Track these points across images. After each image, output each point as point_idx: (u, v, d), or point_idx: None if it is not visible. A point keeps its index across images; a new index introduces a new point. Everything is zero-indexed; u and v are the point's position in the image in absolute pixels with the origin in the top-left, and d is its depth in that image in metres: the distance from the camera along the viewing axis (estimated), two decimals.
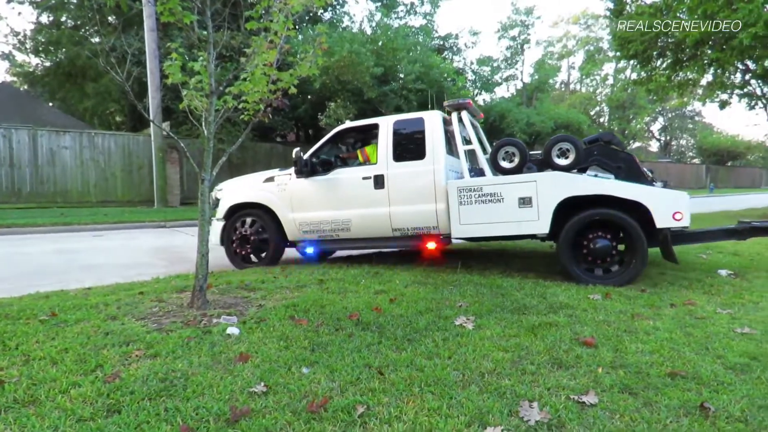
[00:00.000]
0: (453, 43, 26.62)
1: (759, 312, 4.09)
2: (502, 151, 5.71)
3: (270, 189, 6.25)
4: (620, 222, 4.97)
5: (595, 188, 5.01)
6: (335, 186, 5.96)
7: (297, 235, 6.17)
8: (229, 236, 6.38)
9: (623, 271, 5.03)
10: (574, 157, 5.53)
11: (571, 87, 47.19)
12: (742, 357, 3.06)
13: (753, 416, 2.35)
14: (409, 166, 5.69)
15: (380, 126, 5.96)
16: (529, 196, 5.15)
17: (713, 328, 3.62)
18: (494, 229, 5.33)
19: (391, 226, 5.77)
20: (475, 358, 2.99)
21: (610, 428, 2.22)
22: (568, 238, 5.10)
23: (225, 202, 6.45)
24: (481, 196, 5.30)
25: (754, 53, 10.62)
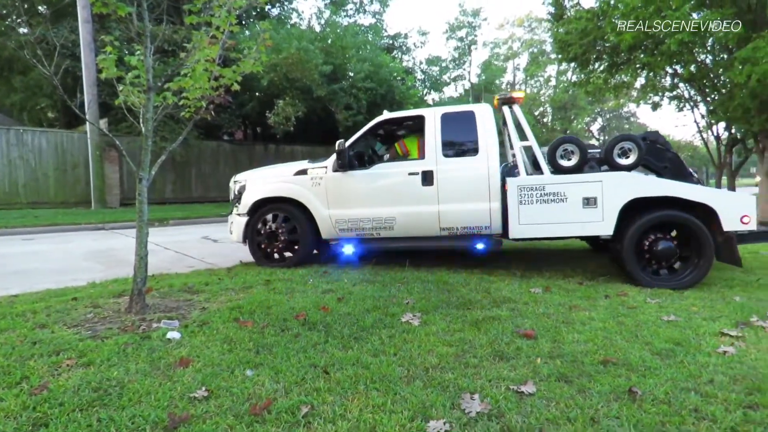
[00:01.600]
0: (402, 43, 26.83)
1: (683, 301, 4.38)
2: (560, 149, 5.46)
3: (302, 183, 5.82)
4: (688, 224, 4.88)
5: (663, 190, 4.95)
6: (378, 181, 5.64)
7: (333, 233, 5.81)
8: (254, 232, 5.97)
9: (691, 272, 4.92)
10: (636, 156, 5.33)
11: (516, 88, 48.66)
12: (667, 343, 3.26)
13: (675, 398, 2.51)
14: (461, 162, 5.47)
15: (426, 118, 5.68)
16: (594, 196, 5.03)
17: (643, 317, 3.85)
18: (556, 230, 5.20)
19: (440, 225, 5.51)
20: (421, 353, 3.04)
21: (547, 415, 2.32)
22: (634, 240, 4.97)
23: (250, 195, 5.98)
24: (543, 196, 5.14)
25: (681, 58, 11.34)
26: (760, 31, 9.33)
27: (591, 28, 11.54)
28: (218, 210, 14.10)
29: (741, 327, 3.65)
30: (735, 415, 2.35)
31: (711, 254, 4.89)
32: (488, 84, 33.25)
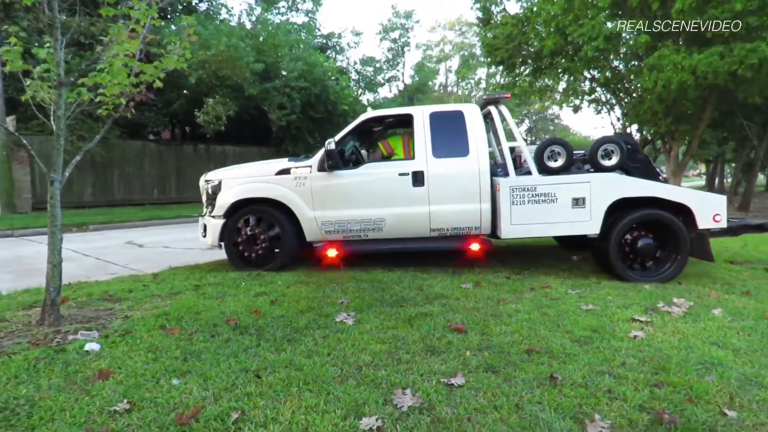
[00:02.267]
0: (336, 43, 26.76)
1: (600, 291, 4.69)
2: (547, 150, 5.55)
3: (285, 183, 5.54)
4: (667, 222, 5.15)
5: (647, 190, 5.19)
6: (367, 182, 5.50)
7: (318, 235, 5.61)
8: (232, 236, 5.64)
9: (671, 266, 5.21)
10: (619, 158, 5.51)
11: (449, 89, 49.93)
12: (585, 330, 3.49)
13: (592, 381, 2.69)
14: (452, 163, 5.42)
15: (415, 117, 5.59)
16: (583, 196, 5.18)
17: (564, 307, 4.08)
18: (546, 230, 5.35)
19: (430, 226, 5.49)
20: (354, 352, 3.05)
21: (475, 405, 2.41)
22: (618, 238, 5.19)
23: (227, 196, 5.60)
24: (535, 196, 5.22)
25: (598, 64, 12.14)
26: (665, 40, 10.18)
27: (516, 34, 12.09)
28: (144, 213, 13.41)
29: (650, 313, 3.97)
30: (643, 393, 2.55)
31: (688, 249, 5.20)
32: (422, 85, 33.89)
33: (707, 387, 2.62)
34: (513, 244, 7.69)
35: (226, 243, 5.69)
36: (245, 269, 5.55)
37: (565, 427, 2.22)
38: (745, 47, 8.38)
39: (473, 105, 5.74)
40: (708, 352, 3.13)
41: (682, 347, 3.21)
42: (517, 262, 6.06)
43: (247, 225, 5.62)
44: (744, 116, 14.85)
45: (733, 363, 2.97)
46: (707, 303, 4.31)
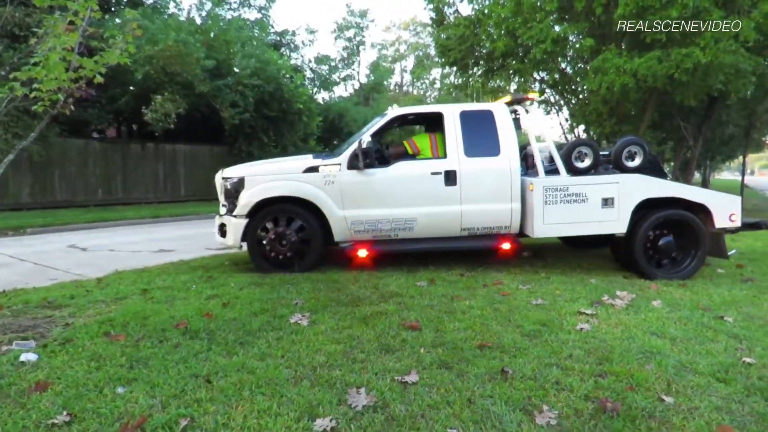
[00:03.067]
0: (290, 40, 26.38)
1: (550, 285, 4.85)
2: (575, 151, 5.63)
3: (313, 181, 5.34)
4: (688, 221, 5.34)
5: (671, 191, 5.38)
6: (398, 181, 5.39)
7: (347, 235, 5.45)
8: (255, 236, 5.40)
9: (690, 262, 5.40)
10: (642, 159, 5.66)
11: (404, 89, 50.27)
12: (535, 325, 3.59)
13: (541, 373, 2.78)
14: (483, 162, 5.40)
15: (445, 116, 5.52)
16: (612, 196, 5.28)
17: (515, 302, 4.20)
18: (576, 229, 5.40)
19: (461, 225, 5.45)
20: (309, 353, 3.03)
21: (428, 402, 2.44)
22: (644, 237, 5.34)
23: (252, 195, 5.35)
24: (567, 196, 5.28)
25: (546, 66, 12.54)
26: (608, 44, 10.63)
27: (468, 35, 12.30)
28: (88, 215, 12.79)
29: (595, 306, 4.14)
30: (588, 383, 2.66)
31: (707, 247, 5.40)
32: (377, 84, 33.94)
33: (647, 375, 2.76)
34: None
35: (249, 243, 5.45)
36: (271, 271, 5.35)
37: (515, 420, 2.29)
38: (680, 52, 8.88)
39: (501, 104, 5.74)
40: (648, 341, 3.30)
41: (625, 338, 3.37)
42: (472, 259, 6.17)
43: (274, 224, 5.43)
44: (681, 118, 15.72)
45: (671, 351, 3.14)
46: (648, 295, 4.53)
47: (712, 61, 8.88)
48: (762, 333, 3.52)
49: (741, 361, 2.99)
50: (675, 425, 2.26)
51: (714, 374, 2.81)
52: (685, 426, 2.25)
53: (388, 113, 5.70)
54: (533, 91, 6.00)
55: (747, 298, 4.49)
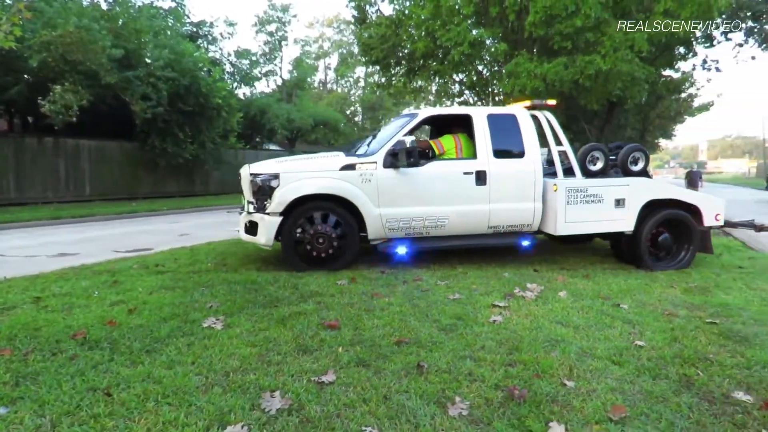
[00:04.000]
0: (208, 32, 25.27)
1: (467, 280, 5.02)
2: (589, 155, 6.03)
3: (351, 179, 5.33)
4: (683, 220, 5.88)
5: (669, 193, 5.93)
6: (432, 180, 5.50)
7: (381, 233, 5.50)
8: (292, 234, 5.30)
9: (685, 255, 5.94)
10: (644, 164, 6.14)
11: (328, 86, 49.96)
12: (451, 319, 3.70)
13: (455, 366, 2.86)
14: (511, 164, 5.66)
15: (474, 118, 5.70)
16: (623, 197, 5.72)
17: (433, 298, 4.30)
18: (593, 227, 5.79)
19: (488, 223, 5.67)
20: (222, 358, 2.91)
21: (345, 401, 2.42)
22: (648, 234, 5.81)
23: (287, 192, 5.23)
24: (586, 197, 5.66)
25: (464, 68, 13.00)
26: (521, 49, 11.21)
27: (390, 35, 12.45)
28: None
29: (508, 298, 4.34)
30: (498, 373, 2.77)
31: (698, 242, 5.95)
32: (300, 81, 33.44)
33: (552, 362, 2.93)
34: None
35: (285, 242, 5.35)
36: (306, 269, 5.29)
37: (429, 413, 2.33)
38: (584, 59, 9.57)
39: (522, 108, 5.98)
40: (554, 330, 3.51)
41: (533, 328, 3.56)
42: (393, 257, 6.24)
43: (310, 223, 5.36)
44: (585, 121, 16.97)
45: (573, 338, 3.36)
46: (555, 287, 4.83)
47: (612, 69, 9.64)
48: (652, 318, 3.86)
49: (633, 345, 3.26)
50: (575, 407, 2.42)
51: (610, 358, 3.04)
52: (584, 408, 2.41)
53: (419, 114, 5.86)
54: (551, 98, 6.34)
55: (640, 287, 4.91)
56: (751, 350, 3.19)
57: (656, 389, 2.62)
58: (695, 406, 2.47)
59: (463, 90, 17.51)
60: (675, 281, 5.18)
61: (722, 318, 3.89)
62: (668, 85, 16.14)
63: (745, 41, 15.52)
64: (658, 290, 4.79)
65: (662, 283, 5.11)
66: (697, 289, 4.86)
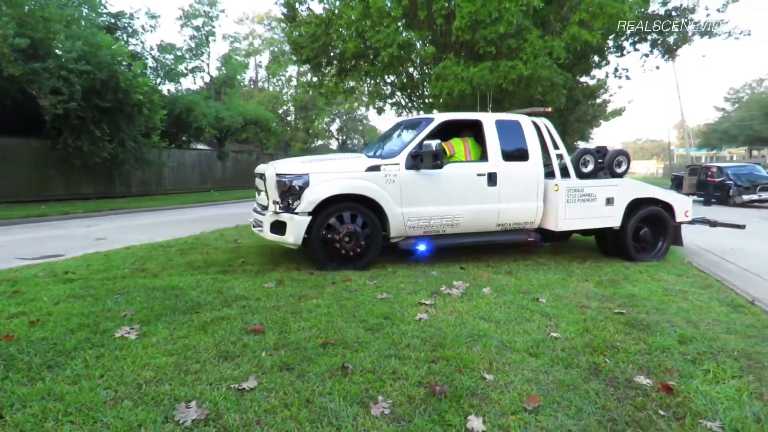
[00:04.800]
0: (128, 24, 23.81)
1: (395, 279, 5.07)
2: (582, 159, 6.61)
3: (376, 180, 5.56)
4: (661, 216, 6.59)
5: (651, 192, 6.61)
6: (450, 180, 5.84)
7: (402, 231, 5.75)
8: (320, 233, 5.42)
9: (661, 247, 6.69)
10: (626, 166, 6.74)
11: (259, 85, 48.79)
12: (378, 318, 3.72)
13: (380, 365, 2.87)
14: (517, 166, 6.11)
15: (484, 123, 6.11)
16: (613, 196, 6.33)
17: (362, 298, 4.30)
18: (587, 223, 6.38)
19: (497, 221, 6.10)
20: (134, 369, 2.74)
21: (265, 407, 2.36)
22: (633, 229, 6.48)
23: (317, 192, 5.36)
24: (583, 196, 6.23)
25: (395, 70, 13.14)
26: (449, 53, 11.50)
27: (320, 34, 12.35)
28: None
29: (434, 296, 4.42)
30: (422, 370, 2.81)
31: (672, 235, 6.69)
32: (230, 79, 32.37)
33: (473, 357, 3.02)
34: None
35: (314, 240, 5.43)
36: (332, 268, 5.43)
37: (351, 414, 2.32)
38: (507, 64, 9.99)
39: (525, 116, 6.47)
40: (477, 325, 3.61)
41: (457, 324, 3.65)
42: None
43: (339, 222, 5.50)
44: None
45: (495, 333, 3.48)
46: (480, 283, 4.99)
47: (533, 74, 10.12)
48: (567, 310, 4.09)
49: (549, 336, 3.43)
50: (493, 399, 2.50)
51: (528, 350, 3.18)
52: (501, 399, 2.50)
53: (437, 118, 6.14)
54: (549, 106, 7.06)
55: (558, 281, 5.19)
56: (653, 337, 3.46)
57: (568, 378, 2.77)
58: (602, 391, 2.63)
59: (395, 91, 17.73)
60: (589, 275, 5.52)
61: (629, 308, 4.18)
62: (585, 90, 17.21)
63: (651, 52, 16.87)
64: (573, 284, 5.08)
65: (578, 277, 5.42)
66: (608, 282, 5.21)
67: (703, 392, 2.64)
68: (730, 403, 2.53)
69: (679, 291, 4.85)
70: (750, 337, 3.53)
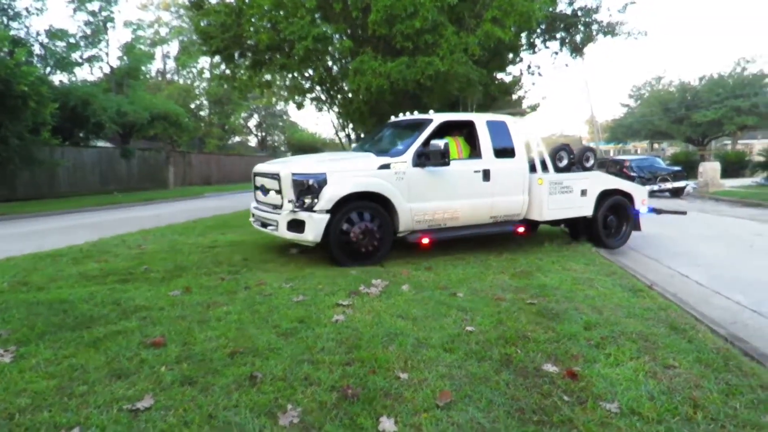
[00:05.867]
0: (7, 6, 21.61)
1: (313, 280, 4.99)
2: (557, 154, 7.41)
3: (387, 177, 5.98)
4: (624, 205, 7.59)
5: (614, 184, 7.57)
6: (452, 177, 6.35)
7: (410, 225, 6.20)
8: (339, 231, 5.74)
9: (625, 233, 7.73)
10: (594, 161, 7.92)
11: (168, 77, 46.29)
12: (293, 322, 3.63)
13: (291, 372, 2.81)
14: (506, 162, 6.75)
15: (476, 123, 6.74)
16: (586, 188, 7.19)
17: (276, 302, 4.18)
18: (565, 213, 7.16)
19: (490, 214, 6.75)
20: (6, 397, 2.47)
21: (162, 427, 2.22)
22: (603, 217, 7.41)
23: (336, 191, 5.69)
24: (562, 188, 7.00)
25: (311, 63, 12.94)
26: (366, 47, 11.51)
27: (231, 24, 11.88)
28: None
29: (352, 296, 4.40)
30: (336, 374, 2.78)
31: (633, 222, 7.73)
32: (133, 69, 30.35)
33: (389, 356, 3.03)
34: (229, 241, 7.55)
35: (333, 238, 5.72)
36: (351, 265, 5.71)
37: (258, 426, 2.24)
38: (424, 60, 10.16)
39: (509, 117, 7.20)
40: (394, 324, 3.64)
41: (374, 323, 3.65)
42: (236, 260, 5.98)
43: (360, 218, 5.86)
44: None
45: (411, 330, 3.52)
46: (399, 280, 5.03)
47: (449, 70, 10.38)
48: (483, 304, 4.23)
49: (465, 331, 3.53)
50: (406, 398, 2.52)
51: (443, 345, 3.25)
52: (414, 398, 2.53)
53: (435, 119, 6.62)
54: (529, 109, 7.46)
55: (476, 275, 5.36)
56: (561, 325, 3.67)
57: (480, 371, 2.86)
58: (512, 382, 2.74)
59: (314, 86, 17.44)
60: (505, 268, 5.75)
61: (540, 298, 4.41)
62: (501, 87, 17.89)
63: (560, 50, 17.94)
64: (490, 277, 5.28)
65: (495, 270, 5.64)
66: (522, 273, 5.46)
67: (605, 375, 2.83)
68: (627, 384, 2.73)
69: (587, 279, 5.19)
70: (647, 319, 3.85)
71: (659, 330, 3.60)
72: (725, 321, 4.26)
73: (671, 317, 3.89)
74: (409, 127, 6.97)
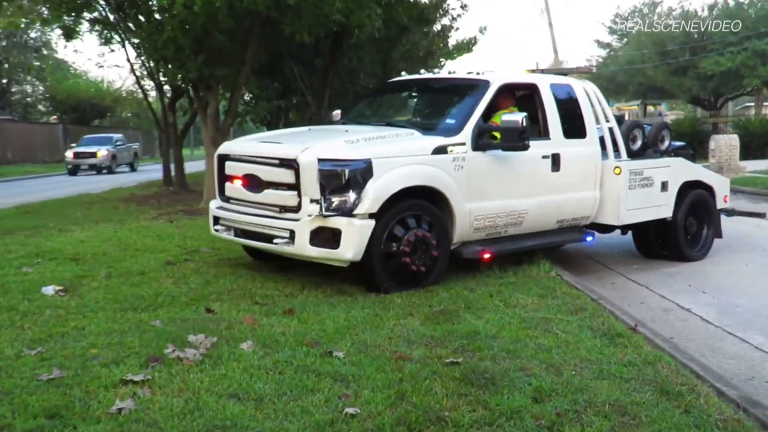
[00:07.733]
0: None
1: (81, 341, 4.75)
2: (631, 134, 8.05)
3: (444, 166, 6.39)
4: (706, 202, 8.46)
5: (695, 174, 8.44)
6: (517, 165, 6.85)
7: (467, 234, 6.67)
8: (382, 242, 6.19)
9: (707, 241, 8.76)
10: (669, 141, 8.63)
11: None
12: (38, 419, 3.37)
13: None
14: (576, 145, 7.32)
15: (540, 88, 7.26)
16: (667, 180, 7.86)
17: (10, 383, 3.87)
18: (644, 214, 7.85)
19: (558, 217, 7.38)
20: None
21: None
22: (683, 220, 8.21)
23: (386, 184, 6.12)
24: (642, 180, 7.62)
25: None
26: None
27: None
28: None
29: (152, 365, 4.23)
30: None
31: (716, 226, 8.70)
32: None
33: None
34: None
35: (376, 254, 6.10)
36: (401, 290, 6.20)
37: None
38: None
39: (579, 80, 7.78)
40: (222, 410, 3.54)
41: (188, 411, 3.52)
42: None
43: (418, 224, 6.35)
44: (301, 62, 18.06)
45: (253, 418, 3.45)
46: (237, 334, 4.95)
47: None
48: (375, 368, 4.26)
49: (343, 415, 3.52)
50: None
51: None
52: None
53: (492, 81, 7.01)
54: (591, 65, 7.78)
55: (367, 320, 5.44)
56: (497, 396, 3.79)
57: None
58: None
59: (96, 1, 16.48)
60: (415, 306, 5.90)
61: (468, 354, 4.56)
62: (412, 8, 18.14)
63: None
64: (391, 322, 5.37)
65: (398, 309, 5.78)
66: (441, 314, 5.62)
67: None
68: None
69: (541, 320, 5.46)
70: (627, 380, 4.11)
71: (644, 396, 3.84)
72: (738, 376, 4.66)
73: (662, 375, 4.18)
74: (447, 91, 7.80)
